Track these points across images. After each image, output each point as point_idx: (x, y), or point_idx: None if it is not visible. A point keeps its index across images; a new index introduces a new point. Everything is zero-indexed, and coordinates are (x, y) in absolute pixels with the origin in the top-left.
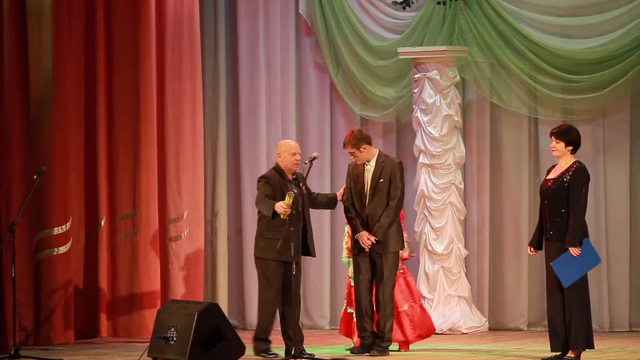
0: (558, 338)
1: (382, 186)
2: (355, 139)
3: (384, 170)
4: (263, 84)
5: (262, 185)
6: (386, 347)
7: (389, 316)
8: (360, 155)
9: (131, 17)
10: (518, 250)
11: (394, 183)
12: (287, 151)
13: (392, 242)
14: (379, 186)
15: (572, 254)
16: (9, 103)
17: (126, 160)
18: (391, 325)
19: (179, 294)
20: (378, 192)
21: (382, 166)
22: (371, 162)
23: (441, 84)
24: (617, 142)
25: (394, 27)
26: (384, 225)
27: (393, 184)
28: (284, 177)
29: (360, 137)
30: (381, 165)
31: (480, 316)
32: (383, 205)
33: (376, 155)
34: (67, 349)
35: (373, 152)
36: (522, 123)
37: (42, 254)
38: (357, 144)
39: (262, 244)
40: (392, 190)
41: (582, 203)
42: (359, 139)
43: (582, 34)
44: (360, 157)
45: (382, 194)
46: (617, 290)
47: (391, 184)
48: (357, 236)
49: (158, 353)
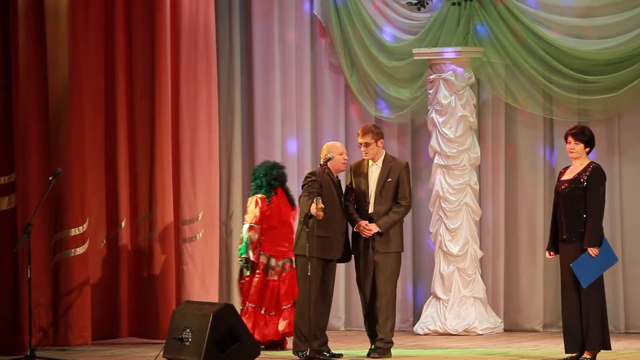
0: (573, 339)
1: (390, 186)
2: (377, 131)
3: (391, 170)
4: (278, 86)
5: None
6: (388, 349)
7: (390, 317)
8: (374, 149)
9: (148, 21)
10: (533, 251)
11: (402, 184)
12: (335, 152)
13: (395, 243)
14: (385, 186)
15: (590, 254)
16: (26, 105)
17: (143, 162)
18: (392, 326)
19: (194, 295)
20: (384, 192)
21: (390, 167)
22: (377, 162)
23: (456, 85)
24: (632, 143)
25: (408, 28)
26: (391, 221)
27: (402, 185)
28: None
29: (380, 132)
30: (389, 165)
31: (496, 317)
32: (389, 205)
33: (383, 155)
34: (83, 350)
35: (382, 152)
36: (537, 124)
37: (60, 254)
38: (378, 135)
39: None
40: (401, 190)
41: (600, 203)
42: (379, 132)
43: (597, 35)
44: (372, 151)
45: (389, 194)
46: (632, 291)
47: (399, 185)
48: (356, 227)
49: (173, 354)
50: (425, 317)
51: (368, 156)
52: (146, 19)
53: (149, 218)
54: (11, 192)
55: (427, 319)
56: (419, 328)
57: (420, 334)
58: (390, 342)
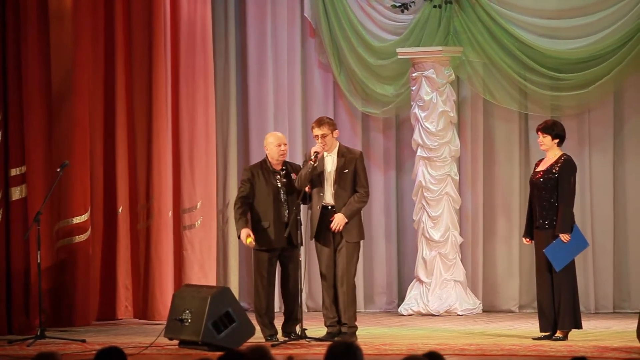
0: (547, 319)
1: (346, 177)
2: (332, 122)
3: (347, 161)
4: (271, 83)
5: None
6: (353, 333)
7: (351, 303)
8: (330, 140)
9: (147, 22)
10: (510, 237)
11: (359, 173)
12: (272, 143)
13: (357, 232)
14: (342, 177)
15: (562, 240)
16: (31, 102)
17: (141, 154)
18: (354, 312)
19: (193, 279)
20: (342, 182)
21: (345, 157)
22: (332, 153)
23: (437, 82)
24: (601, 136)
25: (393, 29)
26: (354, 209)
27: (359, 175)
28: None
29: (334, 123)
30: (344, 156)
31: (475, 299)
32: (348, 195)
33: (337, 146)
34: (88, 330)
35: (336, 143)
36: (513, 118)
37: (63, 241)
38: (334, 126)
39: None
40: (359, 180)
41: (571, 192)
42: (334, 124)
43: (569, 35)
44: (329, 141)
45: (346, 184)
46: (602, 274)
47: (356, 175)
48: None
49: (174, 334)
50: (409, 299)
51: (326, 147)
52: (146, 21)
53: (148, 207)
54: (22, 183)
55: (410, 301)
56: (403, 309)
57: (405, 315)
58: (354, 326)
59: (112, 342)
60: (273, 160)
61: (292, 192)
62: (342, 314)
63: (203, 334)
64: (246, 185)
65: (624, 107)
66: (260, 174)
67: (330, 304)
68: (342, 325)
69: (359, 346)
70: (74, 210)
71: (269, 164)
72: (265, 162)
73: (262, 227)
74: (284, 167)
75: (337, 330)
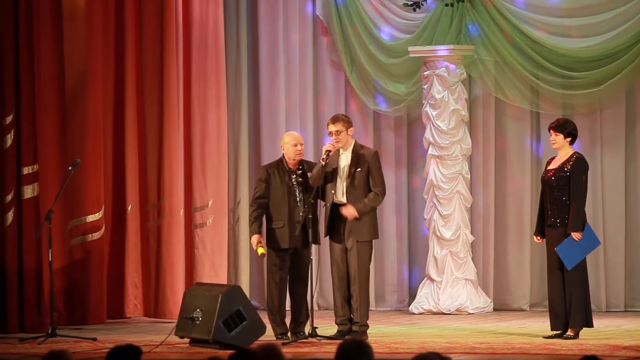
0: (557, 318)
1: (360, 175)
2: (347, 119)
3: (361, 160)
4: (282, 81)
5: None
6: (364, 332)
7: (364, 302)
8: (345, 137)
9: (159, 21)
10: (521, 236)
11: (373, 172)
12: (289, 142)
13: (370, 231)
14: (356, 175)
15: (574, 238)
16: (43, 100)
17: (152, 153)
18: (366, 311)
19: (204, 278)
20: (355, 181)
21: (359, 156)
22: (347, 151)
23: (449, 81)
24: (613, 134)
25: (404, 27)
26: (367, 207)
27: (373, 174)
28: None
29: (350, 121)
30: (358, 154)
31: (486, 297)
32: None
33: (353, 144)
34: (98, 329)
35: (352, 141)
36: (524, 117)
37: (76, 240)
38: (349, 124)
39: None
40: (373, 179)
41: (582, 191)
42: (349, 121)
43: (581, 34)
44: (343, 138)
45: (360, 183)
46: (613, 273)
47: (370, 174)
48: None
49: (184, 332)
50: (420, 297)
51: (339, 144)
52: (158, 21)
53: (159, 205)
54: (34, 182)
55: (421, 299)
56: (414, 308)
57: (416, 313)
58: (366, 325)
59: (123, 340)
60: (289, 160)
61: (308, 191)
62: (354, 312)
63: (214, 333)
64: (261, 185)
65: (635, 106)
66: (275, 173)
67: (341, 302)
68: (354, 324)
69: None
70: (87, 209)
71: (285, 163)
72: (282, 162)
73: (277, 226)
74: (300, 167)
75: (348, 328)
